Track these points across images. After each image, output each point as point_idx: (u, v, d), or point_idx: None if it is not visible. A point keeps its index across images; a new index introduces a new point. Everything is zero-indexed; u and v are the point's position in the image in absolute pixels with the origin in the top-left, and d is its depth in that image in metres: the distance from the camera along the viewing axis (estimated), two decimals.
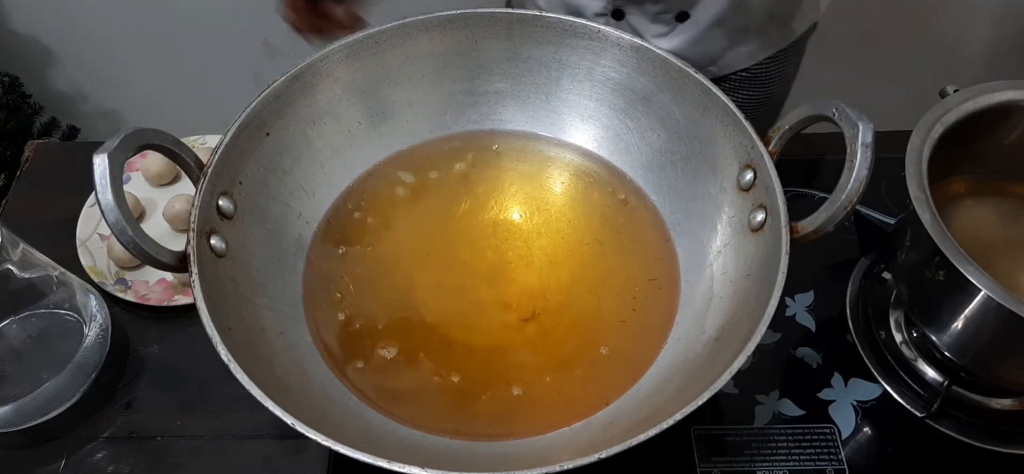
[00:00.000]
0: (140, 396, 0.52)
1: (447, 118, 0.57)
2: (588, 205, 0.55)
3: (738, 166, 0.48)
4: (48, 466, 0.49)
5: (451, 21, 0.54)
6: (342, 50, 0.52)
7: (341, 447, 0.35)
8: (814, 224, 0.43)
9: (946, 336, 0.47)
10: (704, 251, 0.50)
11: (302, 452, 0.49)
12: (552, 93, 0.57)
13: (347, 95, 0.54)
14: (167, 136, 0.44)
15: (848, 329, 0.55)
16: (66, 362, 0.49)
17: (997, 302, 0.41)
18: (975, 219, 0.54)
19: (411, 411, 0.45)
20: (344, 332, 0.49)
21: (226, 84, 1.12)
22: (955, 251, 0.42)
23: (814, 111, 0.44)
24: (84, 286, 0.53)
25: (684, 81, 0.51)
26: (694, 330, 0.47)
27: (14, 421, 0.48)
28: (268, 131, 0.50)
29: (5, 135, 1.18)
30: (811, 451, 0.50)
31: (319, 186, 0.53)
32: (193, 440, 0.50)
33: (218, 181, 0.45)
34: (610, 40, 0.53)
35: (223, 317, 0.40)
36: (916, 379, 0.52)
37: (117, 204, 0.39)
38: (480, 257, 0.53)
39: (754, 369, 0.53)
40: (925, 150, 0.47)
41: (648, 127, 0.54)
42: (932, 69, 1.28)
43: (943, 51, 1.27)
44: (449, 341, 0.49)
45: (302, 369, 0.45)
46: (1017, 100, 0.51)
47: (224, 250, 0.44)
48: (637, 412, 0.44)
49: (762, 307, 0.40)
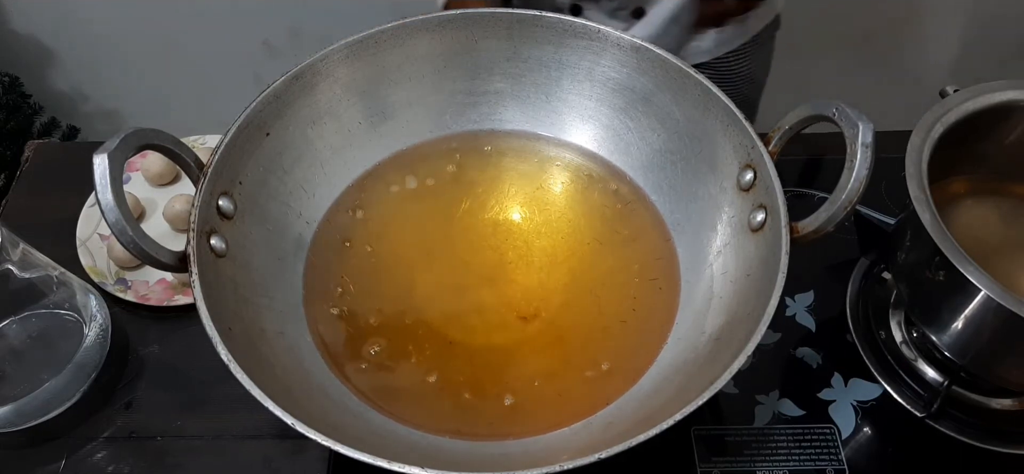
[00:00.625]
0: (140, 396, 0.52)
1: (447, 118, 0.57)
2: (588, 205, 0.55)
3: (738, 166, 0.48)
4: (48, 466, 0.49)
5: (451, 21, 0.54)
6: (342, 50, 0.52)
7: (341, 447, 0.35)
8: (814, 224, 0.43)
9: (946, 336, 0.47)
10: (704, 251, 0.50)
11: (302, 452, 0.49)
12: (552, 93, 0.57)
13: (347, 95, 0.54)
14: (167, 136, 0.44)
15: (848, 329, 0.55)
16: (66, 362, 0.49)
17: (997, 302, 0.41)
18: (975, 219, 0.54)
19: (411, 411, 0.45)
20: (344, 332, 0.49)
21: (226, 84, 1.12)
22: (955, 251, 0.42)
23: (814, 111, 0.44)
24: (84, 286, 0.53)
25: (684, 81, 0.51)
26: (694, 330, 0.47)
27: (14, 421, 0.48)
28: (268, 131, 0.50)
29: (5, 135, 1.18)
30: (811, 451, 0.50)
31: (319, 186, 0.53)
32: (193, 440, 0.50)
33: (218, 181, 0.45)
34: (610, 40, 0.53)
35: (223, 317, 0.40)
36: (916, 379, 0.52)
37: (117, 204, 0.39)
38: (480, 257, 0.53)
39: (754, 369, 0.53)
40: (925, 150, 0.47)
41: (648, 127, 0.54)
42: (932, 69, 1.28)
43: (943, 51, 1.27)
44: (449, 341, 0.49)
45: (302, 369, 0.45)
46: (1017, 100, 0.51)
47: (224, 250, 0.44)
48: (637, 412, 0.44)
49: (762, 307, 0.40)
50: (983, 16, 1.23)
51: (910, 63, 1.28)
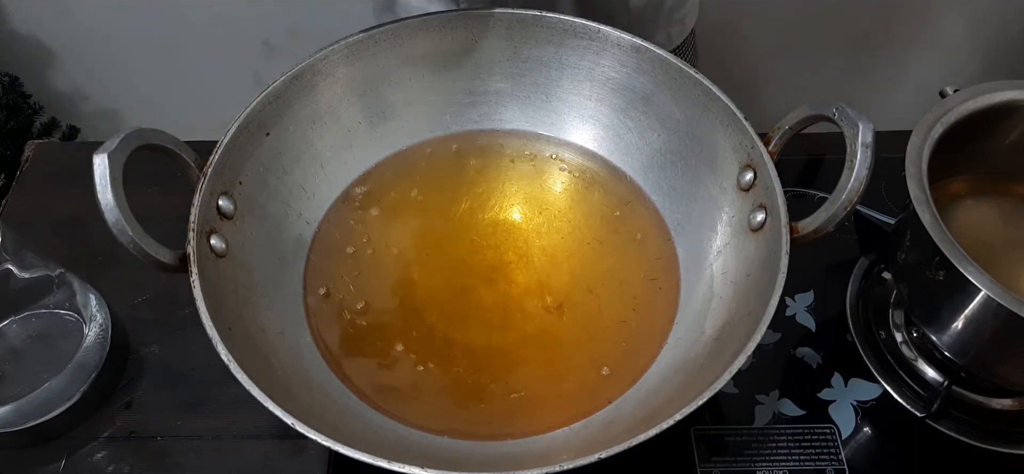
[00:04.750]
0: (140, 396, 0.52)
1: (447, 118, 0.57)
2: (588, 205, 0.55)
3: (738, 166, 0.48)
4: (48, 466, 0.49)
5: (451, 21, 0.54)
6: (342, 50, 0.52)
7: (341, 447, 0.35)
8: (814, 224, 0.43)
9: (946, 336, 0.47)
10: (704, 251, 0.50)
11: (302, 452, 0.49)
12: (552, 93, 0.57)
13: (347, 95, 0.54)
14: (167, 136, 0.44)
15: (848, 329, 0.55)
16: (66, 362, 0.49)
17: (997, 302, 0.41)
18: (975, 219, 0.54)
19: (411, 411, 0.45)
20: (344, 332, 0.49)
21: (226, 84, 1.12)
22: (955, 251, 0.42)
23: (814, 111, 0.44)
24: (84, 286, 0.53)
25: (684, 81, 0.51)
26: (694, 330, 0.47)
27: (14, 421, 0.48)
28: (268, 131, 0.50)
29: (5, 135, 1.18)
30: (811, 451, 0.50)
31: (319, 186, 0.53)
32: (193, 440, 0.50)
33: (218, 181, 0.45)
34: (610, 40, 0.53)
35: (223, 317, 0.40)
36: (916, 379, 0.52)
37: (117, 204, 0.39)
38: (480, 257, 0.53)
39: (754, 369, 0.53)
40: (925, 150, 0.47)
41: (648, 127, 0.54)
42: (932, 69, 1.28)
43: (943, 51, 1.27)
44: (449, 341, 0.49)
45: (302, 369, 0.45)
46: (1017, 100, 0.51)
47: (224, 250, 0.44)
48: (637, 412, 0.44)
49: (762, 307, 0.40)
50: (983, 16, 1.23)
51: (910, 63, 1.28)
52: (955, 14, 1.23)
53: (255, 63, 1.24)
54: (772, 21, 1.23)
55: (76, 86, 1.33)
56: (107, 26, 1.22)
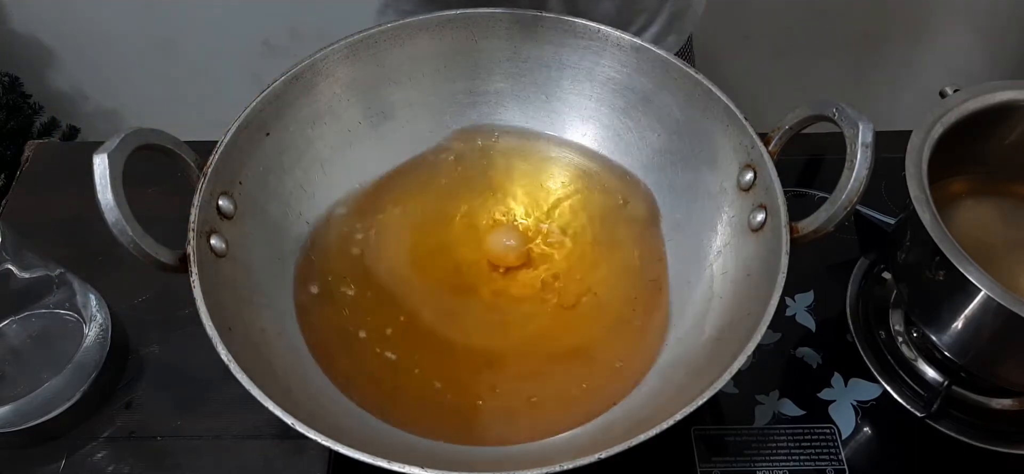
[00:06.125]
0: (140, 396, 0.52)
1: (447, 118, 0.57)
2: (588, 205, 0.55)
3: (738, 166, 0.48)
4: (48, 466, 0.49)
5: (451, 21, 0.54)
6: (342, 50, 0.52)
7: (341, 447, 0.35)
8: (814, 224, 0.43)
9: (946, 336, 0.47)
10: (704, 251, 0.50)
11: (302, 452, 0.49)
12: (552, 93, 0.56)
13: (347, 95, 0.54)
14: (167, 136, 0.44)
15: (848, 329, 0.55)
16: (66, 362, 0.49)
17: (997, 302, 0.41)
18: (975, 219, 0.54)
19: (410, 412, 0.45)
20: (345, 332, 0.49)
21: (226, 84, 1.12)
22: (955, 251, 0.42)
23: (814, 111, 0.44)
24: (84, 286, 0.53)
25: (684, 81, 0.51)
26: (694, 330, 0.47)
27: (14, 421, 0.48)
28: (268, 131, 0.50)
29: (5, 135, 1.18)
30: (811, 451, 0.50)
31: (319, 186, 0.53)
32: (193, 440, 0.50)
33: (218, 181, 0.45)
34: (610, 40, 0.53)
35: (223, 317, 0.40)
36: (916, 379, 0.52)
37: (117, 204, 0.39)
38: (480, 258, 0.53)
39: (754, 369, 0.53)
40: (925, 150, 0.47)
41: (648, 127, 0.54)
42: (932, 69, 1.28)
43: (943, 51, 1.27)
44: (449, 342, 0.49)
45: (302, 369, 0.45)
46: (1017, 100, 0.51)
47: (224, 250, 0.44)
48: (637, 412, 0.44)
49: (762, 307, 0.40)
50: (983, 16, 1.23)
51: (910, 63, 1.28)
52: (955, 14, 1.23)
53: (255, 63, 1.24)
54: (772, 21, 1.23)
55: (76, 86, 1.33)
56: (107, 26, 1.22)
